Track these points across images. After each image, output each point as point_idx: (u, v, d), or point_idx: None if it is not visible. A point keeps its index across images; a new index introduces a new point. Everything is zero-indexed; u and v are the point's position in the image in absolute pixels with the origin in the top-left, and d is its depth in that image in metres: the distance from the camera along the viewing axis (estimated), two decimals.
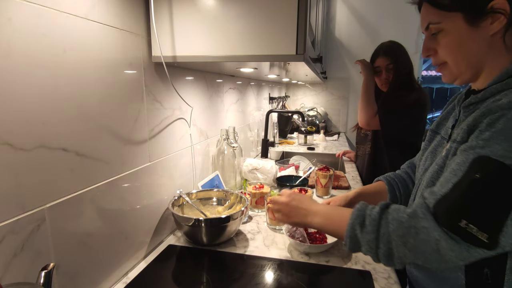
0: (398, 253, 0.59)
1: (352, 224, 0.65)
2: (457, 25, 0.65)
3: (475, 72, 0.68)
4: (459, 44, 0.66)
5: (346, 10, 3.08)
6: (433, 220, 0.56)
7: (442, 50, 0.69)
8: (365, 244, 0.63)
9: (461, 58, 0.67)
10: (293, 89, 3.46)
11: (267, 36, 0.78)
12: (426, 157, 0.81)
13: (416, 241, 0.57)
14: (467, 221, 0.53)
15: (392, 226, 0.60)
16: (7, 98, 0.51)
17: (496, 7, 0.61)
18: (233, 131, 1.39)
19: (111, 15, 0.73)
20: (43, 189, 0.58)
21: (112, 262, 0.78)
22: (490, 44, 0.64)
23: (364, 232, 0.63)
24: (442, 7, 0.66)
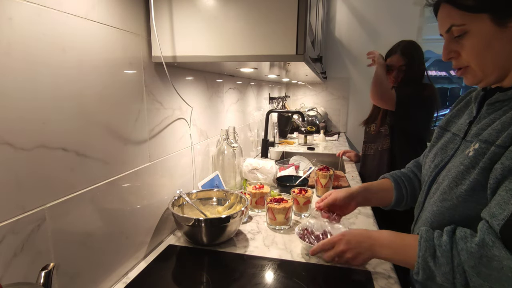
0: (473, 283, 0.58)
1: (423, 256, 0.64)
2: (483, 26, 0.63)
3: (502, 73, 0.66)
4: (486, 46, 0.64)
5: (346, 10, 3.08)
6: (504, 248, 0.54)
7: (467, 53, 0.66)
8: (440, 276, 0.62)
9: (488, 60, 0.65)
10: (293, 89, 3.46)
11: (267, 36, 0.78)
12: (436, 154, 0.79)
13: (490, 270, 0.55)
14: None
15: (463, 257, 0.58)
16: (7, 98, 0.51)
17: None
18: (233, 131, 1.39)
19: (111, 15, 0.73)
20: (43, 189, 0.58)
21: (112, 262, 0.78)
22: None
23: (438, 264, 0.61)
24: (467, 9, 0.63)
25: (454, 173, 0.68)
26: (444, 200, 0.69)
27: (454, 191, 0.67)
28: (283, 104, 3.10)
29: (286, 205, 1.07)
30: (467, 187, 0.64)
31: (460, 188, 0.65)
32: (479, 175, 0.62)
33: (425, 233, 0.66)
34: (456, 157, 0.71)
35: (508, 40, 0.62)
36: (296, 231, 0.97)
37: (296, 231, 0.97)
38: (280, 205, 1.07)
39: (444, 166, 0.74)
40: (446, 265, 0.60)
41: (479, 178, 0.62)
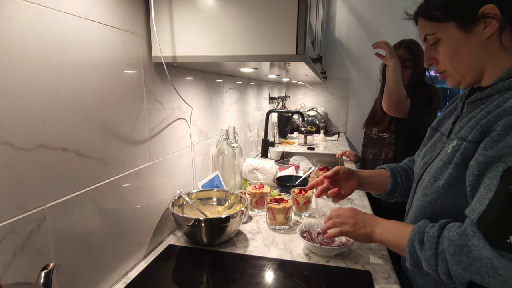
0: (454, 272, 0.59)
1: (411, 240, 0.67)
2: (451, 33, 0.69)
3: (476, 74, 0.70)
4: (456, 51, 0.70)
5: (346, 10, 3.08)
6: (484, 239, 0.55)
7: (442, 58, 0.73)
8: (424, 261, 0.64)
9: (461, 63, 0.71)
10: (293, 89, 3.46)
11: (267, 36, 0.78)
12: (425, 152, 0.84)
13: (470, 260, 0.57)
14: None
15: (445, 244, 0.60)
16: (8, 98, 0.51)
17: (487, 12, 0.64)
18: (233, 131, 1.39)
19: (111, 15, 0.73)
20: (43, 189, 0.58)
21: (112, 262, 0.78)
22: (486, 47, 0.67)
23: (423, 249, 0.64)
24: (435, 19, 0.71)
25: (434, 169, 0.73)
26: (425, 195, 0.74)
27: (433, 186, 0.72)
28: (283, 104, 3.10)
29: (286, 205, 1.07)
30: (444, 182, 0.69)
31: (438, 183, 0.70)
32: (453, 170, 0.67)
33: (421, 222, 0.69)
34: (440, 154, 0.75)
35: (475, 43, 0.67)
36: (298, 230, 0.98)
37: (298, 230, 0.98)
38: (280, 205, 1.07)
39: (430, 163, 0.78)
40: (430, 250, 0.63)
41: (453, 173, 0.67)
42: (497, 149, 0.58)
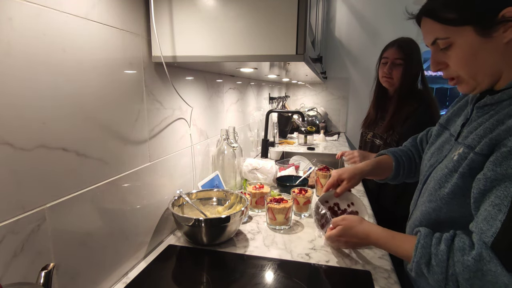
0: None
1: (418, 263, 0.64)
2: (468, 38, 0.63)
3: (493, 80, 0.66)
4: (473, 57, 0.64)
5: (346, 10, 3.08)
6: (501, 264, 0.54)
7: (455, 63, 0.67)
8: (433, 281, 0.62)
9: (477, 69, 0.65)
10: (293, 89, 3.46)
11: (267, 36, 0.78)
12: (433, 153, 0.81)
13: (483, 283, 0.56)
14: None
15: (458, 269, 0.58)
16: (8, 98, 0.51)
17: (508, 15, 0.59)
18: (233, 131, 1.39)
19: (111, 15, 0.73)
20: (43, 189, 0.58)
21: (112, 262, 0.78)
22: (505, 51, 0.62)
23: (431, 272, 0.62)
24: (449, 22, 0.64)
25: (439, 176, 0.70)
26: (430, 201, 0.72)
27: (438, 193, 0.70)
28: (283, 104, 3.10)
29: (286, 205, 1.07)
30: (449, 191, 0.67)
31: (443, 191, 0.68)
32: (459, 180, 0.65)
33: (423, 239, 0.65)
34: (447, 158, 0.73)
35: (493, 49, 0.62)
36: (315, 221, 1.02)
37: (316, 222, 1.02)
38: (280, 205, 1.07)
39: (436, 166, 0.76)
40: (440, 274, 0.60)
41: (458, 183, 0.65)
42: (507, 166, 0.56)
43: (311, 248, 0.97)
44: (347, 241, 0.87)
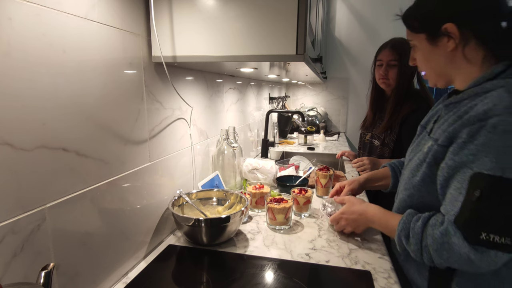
0: (436, 261, 0.70)
1: (399, 235, 0.77)
2: (422, 43, 0.79)
3: (445, 80, 0.80)
4: (426, 59, 0.80)
5: (346, 10, 3.08)
6: (463, 238, 0.64)
7: (418, 62, 0.84)
8: (411, 252, 0.74)
9: (430, 70, 0.81)
10: (293, 89, 3.46)
11: (267, 36, 0.78)
12: (412, 149, 0.92)
13: (449, 254, 0.67)
14: (487, 232, 0.62)
15: (429, 241, 0.70)
16: (8, 98, 0.51)
17: (449, 30, 0.72)
18: (233, 131, 1.39)
19: (111, 15, 0.73)
20: (43, 189, 0.58)
21: (112, 262, 0.78)
22: (452, 58, 0.75)
23: (409, 243, 0.74)
24: (412, 29, 0.81)
25: (412, 166, 0.82)
26: (406, 189, 0.84)
27: (411, 181, 0.82)
28: (283, 104, 3.10)
29: (286, 205, 1.07)
30: (419, 178, 0.78)
31: (415, 179, 0.80)
32: (427, 169, 0.76)
33: (406, 216, 0.78)
34: (419, 152, 0.83)
35: (441, 55, 0.76)
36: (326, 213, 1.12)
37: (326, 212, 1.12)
38: (280, 205, 1.07)
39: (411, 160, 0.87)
40: (415, 245, 0.73)
41: (426, 171, 0.76)
42: (462, 155, 0.66)
43: (311, 248, 0.97)
44: (348, 218, 0.96)
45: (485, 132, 0.63)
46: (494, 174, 0.61)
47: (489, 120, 0.63)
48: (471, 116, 0.66)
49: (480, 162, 0.63)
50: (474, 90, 0.71)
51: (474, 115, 0.66)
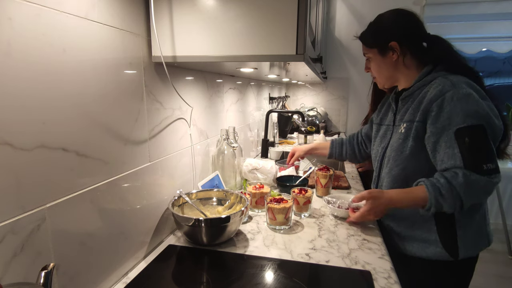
0: (466, 202, 0.89)
1: (435, 197, 0.90)
2: (375, 55, 1.09)
3: (392, 81, 1.11)
4: (378, 67, 1.10)
5: (346, 10, 3.08)
6: (476, 174, 0.87)
7: (372, 70, 1.13)
8: (447, 206, 0.90)
9: (381, 75, 1.11)
10: (293, 89, 3.46)
11: (267, 36, 0.78)
12: (379, 141, 1.17)
13: (474, 190, 0.88)
14: (485, 163, 0.87)
15: (458, 188, 0.87)
16: (7, 98, 0.51)
17: (393, 45, 1.03)
18: (233, 131, 1.39)
19: (111, 15, 0.73)
20: (43, 189, 0.58)
21: (112, 262, 0.78)
22: (396, 66, 1.07)
23: (445, 198, 0.89)
24: (367, 44, 1.11)
25: (397, 146, 1.04)
26: (397, 165, 1.05)
27: (400, 157, 1.03)
28: (283, 104, 3.10)
29: (286, 205, 1.07)
30: (409, 152, 1.01)
31: (404, 154, 1.02)
32: (413, 142, 0.99)
33: (428, 182, 0.92)
34: (393, 137, 1.08)
35: (389, 64, 1.07)
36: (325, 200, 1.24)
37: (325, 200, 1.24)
38: (280, 205, 1.07)
39: (386, 146, 1.11)
40: (450, 197, 0.88)
41: (414, 144, 0.99)
42: (441, 122, 0.91)
43: (311, 248, 0.97)
44: (376, 211, 1.02)
45: (448, 102, 0.90)
46: (467, 125, 0.88)
47: (446, 94, 0.91)
48: (433, 96, 0.94)
49: (455, 122, 0.89)
50: (419, 84, 1.02)
51: (434, 94, 0.93)
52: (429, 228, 1.02)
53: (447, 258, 1.00)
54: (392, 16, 1.07)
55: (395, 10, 1.08)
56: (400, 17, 1.06)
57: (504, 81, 3.76)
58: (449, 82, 0.93)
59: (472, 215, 1.00)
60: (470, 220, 1.00)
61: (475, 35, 3.20)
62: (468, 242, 1.00)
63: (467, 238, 1.00)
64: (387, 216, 1.11)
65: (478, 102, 0.90)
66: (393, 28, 1.05)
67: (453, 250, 1.00)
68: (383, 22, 1.08)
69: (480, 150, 0.88)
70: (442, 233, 1.00)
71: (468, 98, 0.90)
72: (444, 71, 1.00)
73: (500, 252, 2.87)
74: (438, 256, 1.01)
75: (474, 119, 0.88)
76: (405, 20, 1.06)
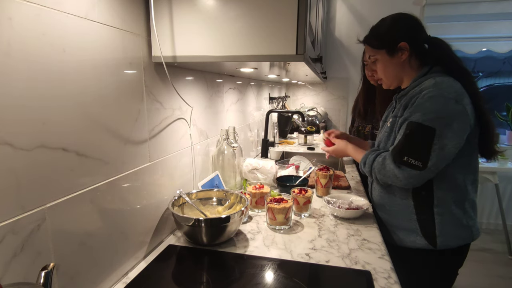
0: (379, 177, 1.08)
1: (362, 161, 1.16)
2: (383, 57, 1.13)
3: (398, 81, 1.17)
4: (386, 68, 1.14)
5: (346, 10, 3.07)
6: (391, 160, 1.03)
7: (379, 72, 1.17)
8: (366, 172, 1.14)
9: (389, 75, 1.16)
10: (293, 89, 3.46)
11: (267, 36, 0.78)
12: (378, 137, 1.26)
13: (385, 171, 1.05)
14: (407, 156, 0.99)
15: (375, 164, 1.09)
16: (7, 98, 0.51)
17: (402, 46, 1.08)
18: (233, 131, 1.39)
19: (111, 15, 0.73)
20: (43, 189, 0.58)
21: (112, 262, 0.78)
22: (403, 66, 1.12)
23: (365, 167, 1.13)
24: (374, 46, 1.14)
25: (383, 138, 1.16)
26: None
27: (386, 146, 1.14)
28: (283, 104, 3.10)
29: (286, 205, 1.07)
30: (392, 142, 1.10)
31: (388, 145, 1.12)
32: (396, 134, 1.08)
33: (369, 151, 1.16)
34: (383, 131, 1.20)
35: (397, 64, 1.12)
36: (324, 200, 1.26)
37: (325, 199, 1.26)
38: (280, 205, 1.07)
39: (380, 140, 1.21)
40: (368, 167, 1.12)
41: (397, 136, 1.06)
42: (406, 113, 1.03)
43: (311, 248, 0.97)
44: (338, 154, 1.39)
45: (420, 99, 1.00)
46: (417, 121, 0.97)
47: (422, 92, 1.00)
48: (415, 93, 1.04)
49: (414, 116, 0.99)
50: (413, 84, 1.10)
51: (417, 92, 1.03)
52: (410, 217, 1.10)
53: (427, 247, 1.08)
54: (398, 19, 1.12)
55: (398, 14, 1.13)
56: (405, 19, 1.12)
57: (504, 81, 3.75)
58: (433, 81, 1.01)
59: (449, 205, 1.06)
60: (447, 210, 1.06)
61: (475, 35, 3.19)
62: (446, 231, 1.06)
63: (445, 227, 1.06)
64: (378, 206, 1.22)
65: (444, 106, 0.96)
66: (402, 29, 1.10)
67: (432, 239, 1.07)
68: (390, 24, 1.12)
69: (412, 144, 0.98)
70: (421, 221, 1.08)
71: (438, 99, 0.96)
72: (439, 72, 1.06)
73: (500, 252, 2.87)
74: (420, 244, 1.09)
75: (429, 120, 0.96)
76: (411, 22, 1.11)
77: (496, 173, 2.76)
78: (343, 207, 1.19)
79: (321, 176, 1.42)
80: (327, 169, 1.44)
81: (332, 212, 1.21)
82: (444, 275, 1.13)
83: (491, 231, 3.23)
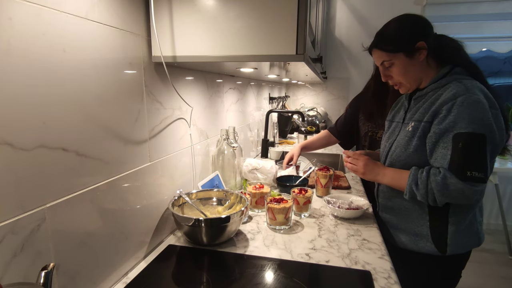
0: (439, 199, 0.95)
1: (410, 184, 1.00)
2: (401, 60, 1.04)
3: (418, 83, 1.08)
4: (405, 70, 1.05)
5: (346, 10, 3.08)
6: (456, 178, 0.91)
7: (396, 75, 1.08)
8: (419, 196, 0.98)
9: (409, 78, 1.07)
10: (293, 89, 3.46)
11: (267, 36, 0.78)
12: (388, 137, 1.20)
13: (449, 192, 0.93)
14: (470, 171, 0.91)
15: (433, 185, 0.94)
16: (7, 97, 0.51)
17: (420, 45, 1.01)
18: (233, 131, 1.39)
19: (111, 15, 0.73)
20: (43, 189, 0.58)
21: (112, 262, 0.78)
22: (421, 65, 1.05)
23: (418, 189, 0.98)
24: (390, 51, 1.05)
25: (402, 143, 1.08)
26: (399, 161, 1.08)
27: (404, 153, 1.06)
28: (283, 104, 3.10)
29: (286, 205, 1.07)
30: (413, 150, 1.04)
31: (408, 151, 1.05)
32: (418, 141, 1.02)
33: (413, 171, 1.01)
34: (401, 134, 1.11)
35: (416, 65, 1.04)
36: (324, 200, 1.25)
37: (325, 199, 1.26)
38: (280, 205, 1.07)
39: (393, 142, 1.14)
40: (423, 189, 0.97)
41: (418, 143, 1.02)
42: (445, 124, 0.94)
43: (311, 248, 0.97)
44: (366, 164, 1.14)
45: (457, 107, 0.93)
46: (468, 131, 0.90)
47: (458, 99, 0.93)
48: (445, 99, 0.96)
49: (458, 126, 0.92)
50: (433, 86, 1.04)
51: (447, 97, 0.96)
52: (422, 222, 1.07)
53: (435, 253, 1.05)
54: (407, 19, 1.07)
55: (403, 15, 1.08)
56: (415, 19, 1.06)
57: (504, 81, 3.76)
58: (463, 87, 0.95)
59: (466, 213, 1.03)
60: (463, 218, 1.03)
61: (475, 35, 3.19)
62: (457, 240, 1.04)
63: (457, 236, 1.04)
64: (384, 208, 1.18)
65: (486, 111, 0.92)
66: (415, 28, 1.04)
67: (442, 246, 1.05)
68: (402, 26, 1.05)
69: (470, 157, 0.90)
70: (434, 228, 1.05)
71: (478, 105, 0.92)
72: (461, 74, 1.02)
73: (500, 252, 2.87)
74: (427, 250, 1.06)
75: (478, 126, 0.90)
76: (421, 21, 1.06)
77: (496, 173, 2.76)
78: (343, 207, 1.19)
79: (321, 176, 1.42)
80: (327, 169, 1.44)
81: (332, 212, 1.21)
82: (447, 278, 1.12)
83: (491, 232, 3.23)
